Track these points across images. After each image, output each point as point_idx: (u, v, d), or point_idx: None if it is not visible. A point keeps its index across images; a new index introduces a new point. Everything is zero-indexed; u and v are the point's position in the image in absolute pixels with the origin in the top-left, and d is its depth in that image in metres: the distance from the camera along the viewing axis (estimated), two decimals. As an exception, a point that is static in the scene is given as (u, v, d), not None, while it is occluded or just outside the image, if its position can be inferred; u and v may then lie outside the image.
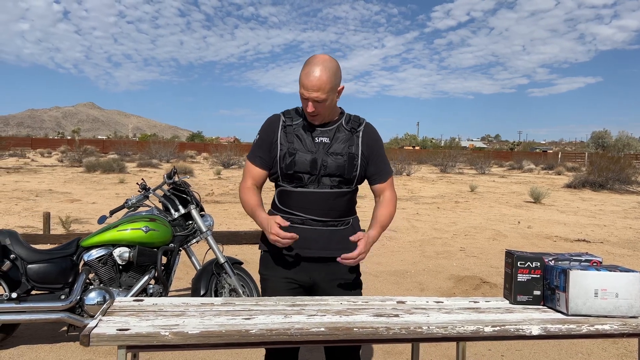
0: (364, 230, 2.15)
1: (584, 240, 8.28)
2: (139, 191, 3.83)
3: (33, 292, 3.40)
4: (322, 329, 1.63)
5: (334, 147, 2.10)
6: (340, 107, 2.21)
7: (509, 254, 2.12)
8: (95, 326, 1.55)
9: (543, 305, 2.06)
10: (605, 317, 1.89)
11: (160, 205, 3.94)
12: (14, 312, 3.24)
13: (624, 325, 1.83)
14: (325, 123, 2.14)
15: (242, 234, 7.30)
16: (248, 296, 3.83)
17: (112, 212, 3.65)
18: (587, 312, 1.90)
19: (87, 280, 3.50)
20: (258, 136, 2.18)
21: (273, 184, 2.21)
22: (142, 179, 4.05)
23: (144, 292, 3.54)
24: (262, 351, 3.23)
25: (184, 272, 5.44)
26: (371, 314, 1.83)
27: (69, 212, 9.32)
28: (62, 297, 3.38)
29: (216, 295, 3.72)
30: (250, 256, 6.37)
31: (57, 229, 7.49)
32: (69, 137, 76.75)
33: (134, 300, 1.90)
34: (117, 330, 1.53)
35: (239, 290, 3.72)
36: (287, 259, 2.13)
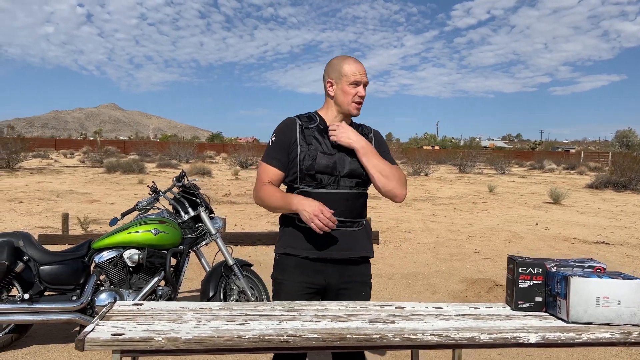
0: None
1: (602, 243, 8.12)
2: (149, 194, 3.89)
3: (46, 293, 3.48)
4: (315, 336, 1.63)
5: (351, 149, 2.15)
6: None
7: (511, 260, 2.10)
8: (91, 330, 1.58)
9: (545, 312, 2.03)
10: (607, 325, 1.85)
11: (170, 208, 3.99)
12: (27, 312, 3.32)
13: (626, 334, 1.79)
14: None
15: (256, 235, 7.34)
16: (257, 298, 3.85)
17: (123, 215, 3.71)
18: (588, 319, 1.87)
19: (98, 282, 3.56)
20: (274, 138, 2.17)
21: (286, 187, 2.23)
22: (153, 182, 4.10)
23: (153, 293, 3.59)
24: (269, 354, 3.24)
25: (197, 274, 5.50)
26: (367, 320, 1.82)
27: (88, 212, 9.48)
28: (74, 298, 3.45)
29: (225, 298, 3.75)
30: (264, 257, 6.40)
31: (75, 230, 7.64)
32: (91, 138, 78.02)
33: (134, 304, 1.92)
34: (111, 335, 1.55)
35: (248, 292, 3.74)
36: (306, 262, 2.13)
